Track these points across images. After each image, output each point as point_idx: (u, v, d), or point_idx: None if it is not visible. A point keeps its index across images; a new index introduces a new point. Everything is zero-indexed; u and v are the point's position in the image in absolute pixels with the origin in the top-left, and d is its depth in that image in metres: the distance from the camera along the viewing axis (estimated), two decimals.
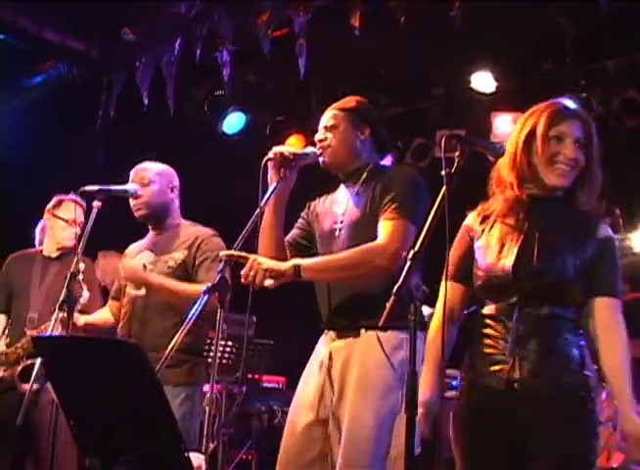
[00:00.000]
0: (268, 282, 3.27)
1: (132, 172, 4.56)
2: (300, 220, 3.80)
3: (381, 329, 3.35)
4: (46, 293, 5.07)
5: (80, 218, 5.03)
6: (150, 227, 4.58)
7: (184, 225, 4.54)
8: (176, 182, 4.59)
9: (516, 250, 2.94)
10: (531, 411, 2.85)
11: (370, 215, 3.50)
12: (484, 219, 3.09)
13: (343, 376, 3.44)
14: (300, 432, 3.49)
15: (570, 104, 3.05)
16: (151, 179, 4.49)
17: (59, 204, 5.25)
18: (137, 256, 4.52)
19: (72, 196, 5.19)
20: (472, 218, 3.13)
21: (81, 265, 4.29)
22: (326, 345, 3.55)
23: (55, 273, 5.12)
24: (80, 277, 4.32)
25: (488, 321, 2.98)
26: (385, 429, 3.36)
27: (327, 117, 3.67)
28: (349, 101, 3.71)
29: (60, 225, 5.21)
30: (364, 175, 3.61)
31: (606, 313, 2.91)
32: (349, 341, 3.46)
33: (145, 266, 4.38)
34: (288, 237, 3.74)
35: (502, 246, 2.98)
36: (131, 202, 4.48)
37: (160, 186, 4.49)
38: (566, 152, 2.93)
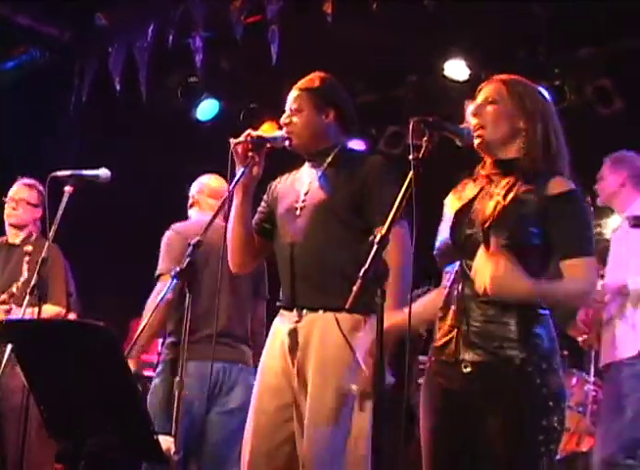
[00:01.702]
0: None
1: None
2: (262, 204, 3.78)
3: (338, 310, 3.36)
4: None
5: (27, 198, 5.12)
6: None
7: None
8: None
9: (453, 214, 2.97)
10: (478, 386, 2.85)
11: (337, 200, 3.49)
12: (455, 192, 3.11)
13: (303, 358, 3.44)
14: (268, 416, 3.49)
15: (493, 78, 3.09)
16: None
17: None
18: None
19: (24, 179, 5.26)
20: (450, 195, 3.14)
21: (28, 247, 4.39)
22: (284, 325, 3.54)
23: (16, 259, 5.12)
24: (26, 259, 4.41)
25: (444, 293, 2.98)
26: (345, 409, 3.37)
27: (292, 99, 3.65)
28: (314, 80, 3.68)
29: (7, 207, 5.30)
30: (330, 158, 3.61)
31: (574, 275, 2.83)
32: (308, 322, 3.46)
33: None
34: (252, 223, 3.72)
35: (448, 213, 3.02)
36: None
37: None
38: (468, 121, 3.01)
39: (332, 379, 3.37)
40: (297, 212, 3.55)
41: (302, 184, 3.64)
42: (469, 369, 2.87)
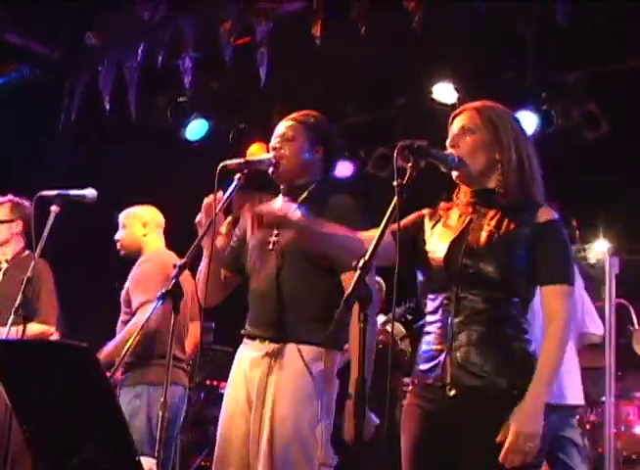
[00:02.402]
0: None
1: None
2: (234, 238, 3.81)
3: (301, 342, 3.47)
4: None
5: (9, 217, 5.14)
6: None
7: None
8: (151, 220, 5.10)
9: (447, 244, 2.98)
10: (462, 409, 2.85)
11: None
12: (438, 220, 3.13)
13: (264, 386, 3.50)
14: (230, 444, 3.54)
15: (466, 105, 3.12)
16: (124, 223, 5.04)
17: None
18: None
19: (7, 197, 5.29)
20: (429, 214, 3.17)
21: (4, 265, 4.48)
22: (247, 353, 3.61)
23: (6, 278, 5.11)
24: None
25: (428, 318, 3.00)
26: (304, 436, 3.42)
27: (285, 127, 3.68)
28: (310, 116, 3.73)
29: None
30: (304, 194, 3.66)
31: (551, 302, 2.88)
32: (270, 351, 3.52)
33: None
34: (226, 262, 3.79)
35: (440, 242, 3.03)
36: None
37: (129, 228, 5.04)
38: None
39: (291, 405, 3.44)
40: (270, 247, 3.60)
41: None
42: (453, 392, 2.87)
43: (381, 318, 6.45)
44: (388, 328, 6.05)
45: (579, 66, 6.97)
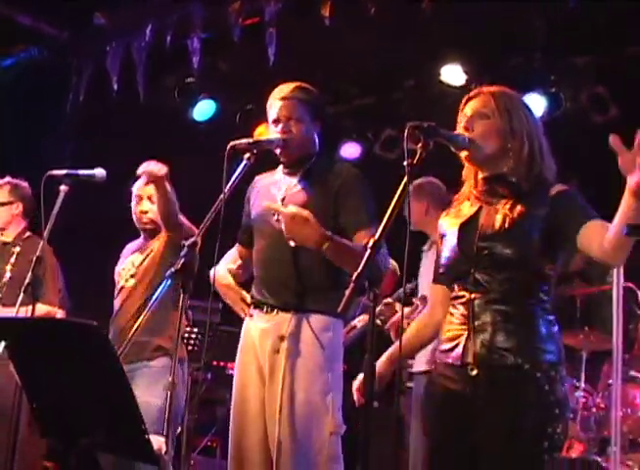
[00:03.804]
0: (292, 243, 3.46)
1: (138, 188, 4.81)
2: (244, 217, 3.94)
3: (309, 312, 3.54)
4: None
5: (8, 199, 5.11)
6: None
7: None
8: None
9: (456, 229, 3.01)
10: (484, 389, 2.86)
11: (312, 207, 3.55)
12: (449, 213, 3.16)
13: (274, 356, 3.56)
14: (245, 416, 3.61)
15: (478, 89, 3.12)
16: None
17: None
18: (131, 255, 4.78)
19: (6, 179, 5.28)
20: (443, 216, 3.20)
21: (16, 248, 4.45)
22: (257, 325, 3.67)
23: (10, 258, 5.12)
24: (12, 259, 4.46)
25: (452, 303, 3.02)
26: (316, 407, 3.49)
27: (289, 107, 3.71)
28: (307, 91, 3.76)
29: None
30: (307, 166, 3.75)
31: (601, 225, 2.77)
32: (279, 321, 3.59)
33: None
34: (241, 239, 3.94)
35: (450, 228, 3.06)
36: (135, 213, 4.78)
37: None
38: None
39: (302, 376, 3.50)
40: (275, 217, 3.62)
41: (279, 190, 3.77)
42: (475, 372, 2.89)
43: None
44: (397, 306, 6.06)
45: (589, 49, 6.93)
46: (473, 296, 2.93)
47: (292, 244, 3.47)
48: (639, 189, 2.50)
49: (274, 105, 3.73)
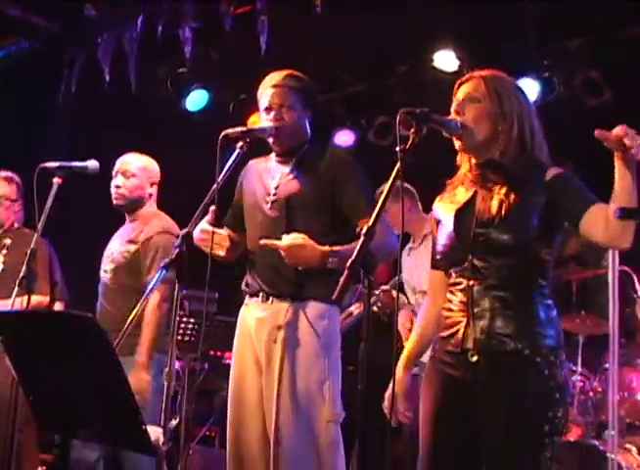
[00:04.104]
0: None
1: (117, 162, 4.75)
2: (234, 201, 3.93)
3: (306, 300, 3.57)
4: None
5: (7, 194, 5.14)
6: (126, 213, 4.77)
7: (154, 218, 4.69)
8: (157, 176, 4.79)
9: (452, 215, 3.02)
10: (484, 375, 2.88)
11: (307, 194, 3.62)
12: (443, 198, 3.17)
13: (271, 345, 3.57)
14: (248, 403, 3.62)
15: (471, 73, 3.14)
16: (133, 173, 4.68)
17: None
18: (113, 241, 4.76)
19: (2, 172, 5.27)
20: (437, 200, 3.21)
21: (7, 241, 4.46)
22: (252, 314, 3.68)
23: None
24: (3, 251, 4.46)
25: (450, 289, 3.03)
26: (312, 395, 3.50)
27: (281, 95, 3.71)
28: (299, 79, 3.77)
29: None
30: (299, 155, 3.75)
31: (604, 210, 2.76)
32: (276, 310, 3.60)
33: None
34: (227, 221, 3.92)
35: (446, 214, 3.07)
36: (112, 189, 4.68)
37: (140, 181, 4.69)
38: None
39: (298, 364, 3.51)
40: (269, 206, 3.66)
41: (272, 179, 3.76)
42: (475, 358, 2.90)
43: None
44: (393, 293, 6.09)
45: (582, 33, 6.91)
46: (471, 283, 2.93)
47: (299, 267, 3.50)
48: (617, 137, 2.54)
49: (265, 93, 3.73)
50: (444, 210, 3.10)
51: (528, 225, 2.90)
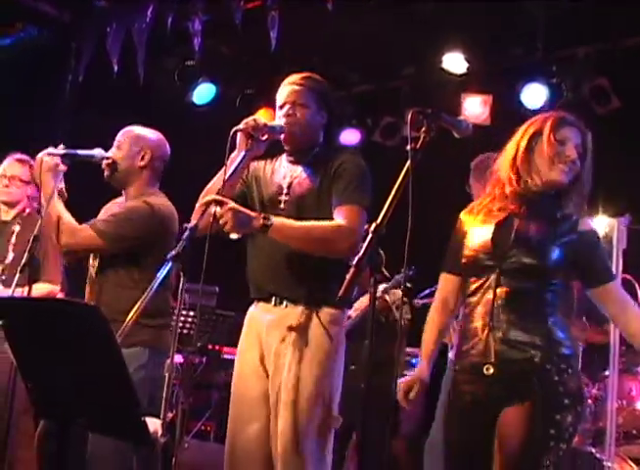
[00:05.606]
0: (234, 236, 3.33)
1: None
2: (240, 181, 3.76)
3: (319, 305, 3.52)
4: None
5: (20, 175, 5.12)
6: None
7: (142, 196, 4.23)
8: (152, 150, 4.30)
9: (492, 227, 3.13)
10: (500, 387, 3.00)
11: (318, 196, 3.58)
12: (479, 212, 3.25)
13: (280, 346, 3.53)
14: (250, 403, 3.59)
15: (569, 116, 3.27)
16: (120, 142, 4.27)
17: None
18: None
19: (16, 154, 5.23)
20: (465, 212, 3.30)
21: (16, 227, 4.40)
22: (262, 316, 3.63)
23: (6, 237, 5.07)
24: (13, 239, 4.42)
25: (469, 300, 3.14)
26: (324, 399, 3.49)
27: (295, 93, 3.68)
28: (315, 81, 3.74)
29: None
30: (309, 157, 3.69)
31: (617, 294, 3.16)
32: (289, 313, 3.55)
33: None
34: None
35: (490, 229, 3.15)
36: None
37: (126, 152, 4.24)
38: (568, 153, 3.12)
39: (311, 367, 3.48)
40: (281, 205, 3.61)
41: (284, 178, 3.70)
42: (491, 371, 3.02)
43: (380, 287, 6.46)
44: (386, 297, 6.10)
45: (590, 40, 6.93)
46: (494, 293, 3.06)
47: (234, 236, 3.36)
48: None
49: (282, 91, 3.71)
50: (479, 221, 3.20)
51: (556, 257, 3.06)
